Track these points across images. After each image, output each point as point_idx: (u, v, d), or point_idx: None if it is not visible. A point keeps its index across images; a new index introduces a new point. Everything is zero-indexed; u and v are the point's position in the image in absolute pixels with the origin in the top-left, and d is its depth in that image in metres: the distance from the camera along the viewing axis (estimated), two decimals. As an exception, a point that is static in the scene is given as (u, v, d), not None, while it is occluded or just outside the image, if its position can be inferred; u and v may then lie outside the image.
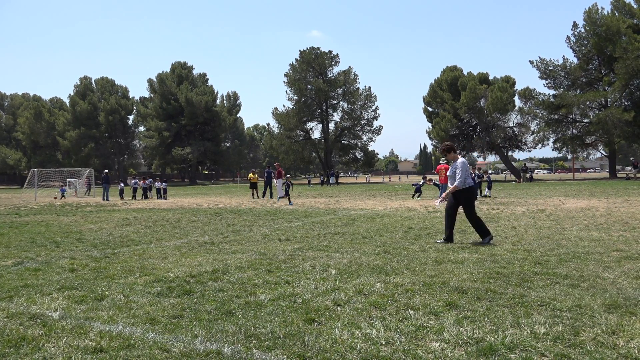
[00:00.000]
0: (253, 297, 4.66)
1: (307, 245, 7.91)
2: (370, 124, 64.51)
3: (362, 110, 63.33)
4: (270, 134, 65.87)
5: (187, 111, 72.43)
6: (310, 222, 11.85)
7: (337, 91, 64.03)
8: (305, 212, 15.02)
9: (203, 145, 72.73)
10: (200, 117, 73.18)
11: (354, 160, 67.66)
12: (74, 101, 79.36)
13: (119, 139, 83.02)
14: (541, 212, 13.27)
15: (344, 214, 14.08)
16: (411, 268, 5.90)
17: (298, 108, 61.51)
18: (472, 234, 8.97)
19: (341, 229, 10.22)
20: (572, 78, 49.55)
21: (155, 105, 75.37)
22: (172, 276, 5.64)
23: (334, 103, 65.57)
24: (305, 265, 6.23)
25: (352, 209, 15.75)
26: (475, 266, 5.94)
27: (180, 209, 17.22)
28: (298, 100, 62.16)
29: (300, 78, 62.01)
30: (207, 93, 75.53)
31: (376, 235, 9.09)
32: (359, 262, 6.37)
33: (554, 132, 51.67)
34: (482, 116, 53.12)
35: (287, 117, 61.13)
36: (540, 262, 6.10)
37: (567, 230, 9.19)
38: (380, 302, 4.40)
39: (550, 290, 4.71)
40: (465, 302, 4.36)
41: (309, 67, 62.42)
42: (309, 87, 62.41)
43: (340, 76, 63.10)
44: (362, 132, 65.19)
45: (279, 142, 61.89)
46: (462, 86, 54.11)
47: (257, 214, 14.32)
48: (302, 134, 65.40)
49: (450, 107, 54.22)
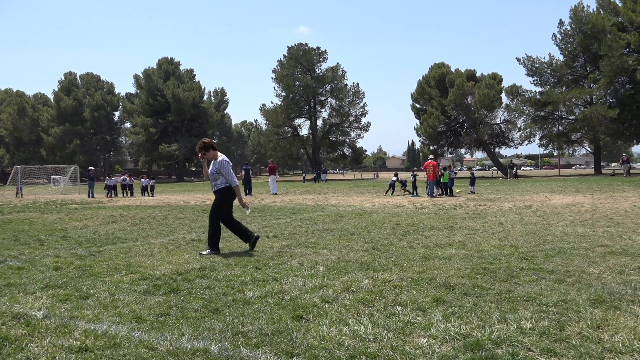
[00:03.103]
0: (240, 295, 4.65)
1: (295, 242, 7.90)
2: (358, 121, 64.61)
3: (350, 106, 63.40)
4: (258, 131, 65.69)
5: (174, 107, 71.83)
6: (298, 218, 11.84)
7: (325, 87, 63.98)
8: (293, 208, 15.00)
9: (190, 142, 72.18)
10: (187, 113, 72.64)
11: (342, 156, 67.71)
12: (59, 97, 78.31)
13: (105, 136, 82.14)
14: (528, 208, 13.41)
15: (332, 210, 14.09)
16: (399, 264, 5.93)
17: (286, 104, 61.36)
18: (459, 230, 9.04)
19: (329, 225, 10.23)
20: (558, 75, 50.05)
21: (142, 102, 74.66)
22: (158, 274, 5.60)
23: (322, 99, 65.52)
24: (293, 262, 6.22)
25: (340, 206, 15.76)
26: (463, 262, 5.98)
27: (167, 206, 17.10)
28: (286, 96, 62.01)
29: (288, 74, 61.84)
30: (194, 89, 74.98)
31: (364, 231, 9.11)
32: (347, 258, 6.38)
33: (540, 129, 52.17)
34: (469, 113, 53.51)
35: (274, 113, 60.97)
36: (526, 258, 6.16)
37: (553, 226, 9.29)
38: (368, 299, 4.41)
39: (537, 286, 4.76)
40: (452, 298, 4.38)
41: (297, 64, 62.27)
42: (297, 84, 62.27)
43: (328, 72, 63.06)
44: (350, 129, 65.25)
45: (266, 139, 61.71)
46: (449, 83, 54.42)
47: (244, 211, 14.24)
48: (290, 130, 65.27)
49: (438, 104, 54.51)
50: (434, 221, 10.65)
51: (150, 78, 74.80)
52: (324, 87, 63.99)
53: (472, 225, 9.81)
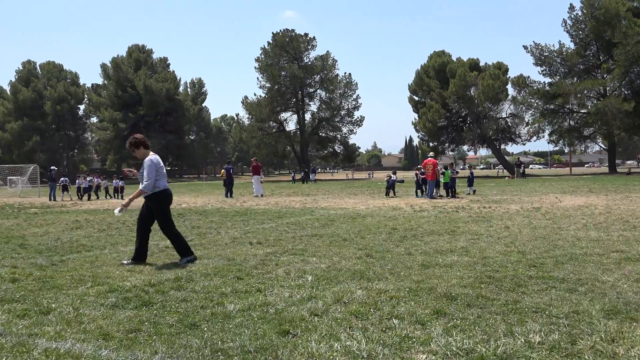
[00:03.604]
0: (220, 308, 4.62)
1: (280, 249, 7.88)
2: (350, 115, 64.81)
3: (342, 99, 63.58)
4: (240, 126, 65.60)
5: (146, 100, 71.49)
6: (284, 223, 11.82)
7: (314, 78, 64.07)
8: (278, 212, 14.98)
9: (164, 138, 71.91)
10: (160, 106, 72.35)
11: (332, 154, 67.87)
12: (16, 89, 77.47)
13: (68, 132, 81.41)
14: (536, 210, 13.53)
15: (321, 214, 14.09)
16: (396, 273, 5.94)
17: (271, 97, 61.34)
18: (462, 234, 9.09)
19: (319, 230, 10.22)
20: (568, 65, 50.57)
21: (110, 94, 74.18)
22: (128, 285, 5.56)
23: (311, 91, 65.61)
24: (278, 271, 6.21)
25: (331, 209, 15.77)
26: (466, 270, 6.01)
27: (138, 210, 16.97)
28: (271, 88, 61.99)
29: (272, 63, 61.82)
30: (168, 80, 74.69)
31: (357, 237, 9.12)
32: (338, 267, 6.38)
33: (550, 124, 52.66)
34: (472, 106, 53.83)
35: (258, 106, 60.91)
36: (535, 265, 6.21)
37: (563, 230, 9.38)
38: (362, 311, 4.41)
39: (546, 296, 4.80)
40: (454, 310, 4.40)
41: (283, 52, 62.28)
42: (283, 74, 62.29)
43: (318, 61, 63.16)
44: (341, 124, 65.46)
45: (249, 135, 61.67)
46: (450, 73, 54.74)
47: (225, 215, 14.23)
48: (275, 125, 65.26)
49: (438, 96, 54.80)
50: (434, 225, 10.70)
51: (119, 67, 74.35)
52: (313, 78, 64.09)
53: (475, 229, 9.86)
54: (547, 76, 52.77)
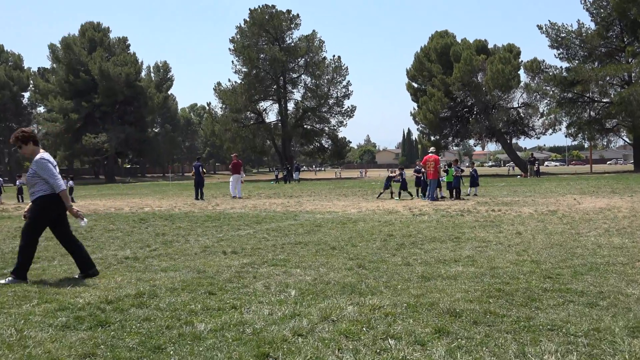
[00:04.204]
0: (189, 328, 4.61)
1: (259, 260, 7.88)
2: (340, 104, 64.86)
3: (330, 86, 63.62)
4: (212, 117, 65.35)
5: (102, 87, 70.83)
6: (263, 229, 11.81)
7: (298, 62, 64.04)
8: (257, 216, 14.95)
9: (123, 131, 71.36)
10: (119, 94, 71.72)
11: (319, 149, 67.88)
12: (-52, 73, 76.36)
13: (10, 123, 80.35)
14: (552, 213, 13.66)
15: (306, 218, 14.09)
16: (392, 286, 5.96)
17: (248, 83, 61.19)
18: (467, 241, 9.15)
19: (303, 237, 10.23)
20: (588, 47, 51.01)
21: (60, 79, 73.40)
22: (81, 302, 5.52)
23: (294, 77, 65.55)
24: (257, 284, 6.21)
25: (318, 212, 15.78)
26: (472, 282, 6.05)
27: (94, 214, 16.86)
28: (248, 73, 61.83)
29: (250, 45, 61.68)
30: (128, 63, 74.11)
31: (348, 245, 9.14)
32: (325, 279, 6.39)
33: (568, 115, 53.09)
34: (479, 94, 54.16)
35: (233, 94, 60.73)
36: (550, 276, 6.27)
37: (583, 236, 9.49)
38: (353, 330, 4.42)
39: (563, 311, 4.85)
40: (458, 328, 4.43)
41: (262, 31, 62.18)
42: (262, 57, 62.16)
43: (302, 43, 63.15)
44: (329, 114, 65.49)
45: (223, 127, 61.42)
46: (454, 56, 55.04)
47: (194, 220, 14.17)
48: (253, 116, 65.11)
49: (441, 83, 55.07)
50: (436, 231, 10.75)
51: (71, 49, 73.60)
52: (296, 61, 64.05)
53: (483, 235, 9.94)
54: (564, 60, 53.23)
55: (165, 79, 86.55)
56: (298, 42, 63.66)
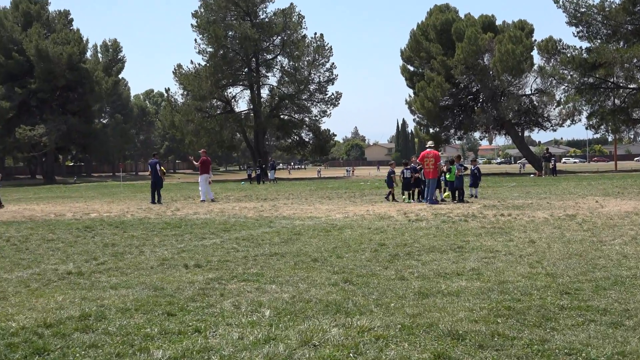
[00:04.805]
0: (144, 355, 4.58)
1: (227, 274, 7.86)
2: (322, 90, 64.92)
3: (311, 68, 63.60)
4: (171, 105, 64.97)
5: (40, 69, 70.08)
6: (232, 238, 11.78)
7: (273, 40, 63.96)
8: (225, 223, 14.90)
9: (65, 122, 70.66)
10: (60, 78, 71.01)
11: (299, 144, 67.84)
12: None
13: None
14: (571, 218, 13.78)
15: (283, 225, 14.07)
16: (383, 304, 5.98)
17: (214, 65, 60.94)
18: (472, 251, 9.20)
19: (280, 248, 10.22)
20: (613, 24, 51.38)
21: (-13, 60, 72.52)
22: (14, 327, 5.46)
23: (269, 58, 65.46)
24: (224, 303, 6.19)
25: (297, 218, 15.77)
26: (477, 299, 6.09)
27: (30, 222, 16.69)
28: (213, 53, 61.59)
29: (216, 20, 61.49)
30: (70, 41, 73.41)
31: (332, 256, 9.15)
32: (306, 297, 6.39)
33: (588, 103, 53.43)
34: (486, 79, 54.45)
35: (196, 79, 60.47)
36: (568, 292, 6.33)
37: (606, 245, 9.58)
38: (338, 357, 4.42)
39: (583, 332, 4.89)
40: (461, 353, 4.45)
41: (230, 4, 61.99)
42: (231, 34, 62.00)
43: (278, 18, 63.10)
44: (310, 103, 65.49)
45: (184, 118, 61.13)
46: (457, 35, 55.29)
47: (150, 228, 14.09)
48: (220, 104, 64.91)
49: (441, 66, 55.29)
50: (436, 239, 10.79)
51: (2, 24, 72.75)
52: (271, 40, 63.97)
53: (490, 244, 10.00)
54: (584, 40, 53.48)
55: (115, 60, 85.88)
56: (273, 17, 63.62)
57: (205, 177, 24.79)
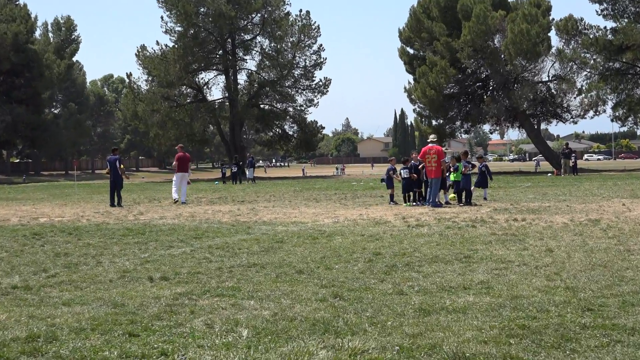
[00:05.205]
0: (102, 383, 4.57)
1: (199, 288, 7.85)
2: (309, 76, 64.87)
3: (296, 51, 63.52)
4: (134, 93, 64.71)
5: (-20, 51, 69.75)
6: (205, 246, 11.76)
7: (252, 18, 63.88)
8: (196, 229, 14.88)
9: (10, 112, 70.29)
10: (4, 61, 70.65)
11: (281, 137, 67.77)
12: None
13: None
14: (594, 224, 13.85)
15: (264, 231, 14.07)
16: (379, 323, 5.98)
17: (183, 47, 60.73)
18: (481, 262, 9.22)
19: (259, 257, 10.22)
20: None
21: None
22: (-49, 349, 5.43)
23: (247, 39, 65.36)
24: (195, 322, 6.18)
25: (279, 223, 15.77)
26: (487, 317, 6.11)
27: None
28: (183, 33, 61.39)
29: (186, -6, 61.38)
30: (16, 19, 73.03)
31: (320, 267, 9.16)
32: (289, 314, 6.39)
33: (614, 92, 53.67)
34: (497, 64, 54.56)
35: (163, 63, 60.28)
36: (591, 308, 6.36)
37: (635, 255, 9.65)
38: (327, 384, 4.42)
39: (608, 355, 4.91)
40: (469, 379, 4.46)
41: (202, -25, 61.90)
42: (202, 11, 61.84)
43: (257, -8, 63.05)
44: (295, 90, 65.43)
45: (149, 107, 60.90)
46: (463, 13, 55.40)
47: (109, 235, 14.04)
48: (190, 92, 64.78)
49: (445, 48, 55.36)
50: (439, 248, 10.83)
51: None
52: (250, 18, 63.87)
53: (501, 254, 10.04)
54: (609, 19, 53.74)
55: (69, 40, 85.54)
56: (252, -9, 63.56)
57: (180, 176, 24.74)
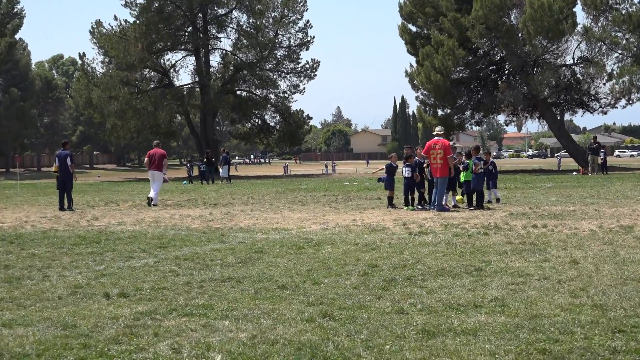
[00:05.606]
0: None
1: (164, 306, 7.84)
2: (294, 57, 64.90)
3: (278, 28, 63.53)
4: (88, 77, 64.56)
5: None
6: (171, 257, 11.75)
7: (227, -10, 63.88)
8: (160, 237, 14.86)
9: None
10: None
11: (261, 129, 67.73)
12: None
13: None
14: (626, 231, 13.91)
15: (240, 240, 14.08)
16: (375, 347, 5.99)
17: (146, 23, 60.68)
18: (494, 275, 9.23)
19: (235, 270, 10.22)
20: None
21: None
22: None
23: (221, 14, 65.31)
24: (160, 346, 6.18)
25: (258, 230, 15.77)
26: (501, 340, 6.12)
27: None
28: (146, 7, 61.33)
29: (149, -39, 61.33)
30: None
31: (306, 281, 9.17)
32: (270, 337, 6.39)
33: (650, 77, 53.90)
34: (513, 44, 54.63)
35: (122, 41, 60.17)
36: (623, 329, 6.38)
37: (672, 266, 9.69)
38: (314, 418, 4.43)
39: (642, 383, 4.94)
40: (480, 412, 4.47)
41: (168, -61, 61.87)
42: (169, -19, 61.87)
43: (233, -41, 63.05)
44: (277, 74, 65.45)
45: (105, 93, 60.75)
46: (475, -16, 55.53)
47: (58, 244, 14.00)
48: (155, 76, 64.64)
49: (453, 26, 55.41)
50: (446, 259, 10.85)
51: None
52: (224, -11, 63.85)
53: (518, 266, 10.06)
54: (643, -8, 54.09)
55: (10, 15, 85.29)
56: (227, -43, 63.59)
57: (156, 175, 24.78)
